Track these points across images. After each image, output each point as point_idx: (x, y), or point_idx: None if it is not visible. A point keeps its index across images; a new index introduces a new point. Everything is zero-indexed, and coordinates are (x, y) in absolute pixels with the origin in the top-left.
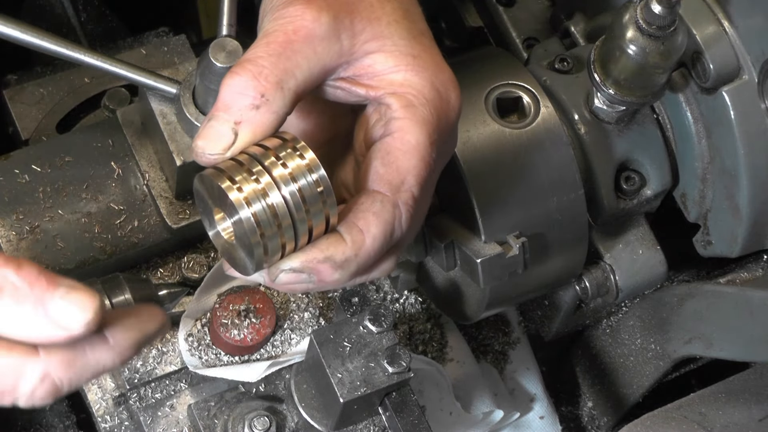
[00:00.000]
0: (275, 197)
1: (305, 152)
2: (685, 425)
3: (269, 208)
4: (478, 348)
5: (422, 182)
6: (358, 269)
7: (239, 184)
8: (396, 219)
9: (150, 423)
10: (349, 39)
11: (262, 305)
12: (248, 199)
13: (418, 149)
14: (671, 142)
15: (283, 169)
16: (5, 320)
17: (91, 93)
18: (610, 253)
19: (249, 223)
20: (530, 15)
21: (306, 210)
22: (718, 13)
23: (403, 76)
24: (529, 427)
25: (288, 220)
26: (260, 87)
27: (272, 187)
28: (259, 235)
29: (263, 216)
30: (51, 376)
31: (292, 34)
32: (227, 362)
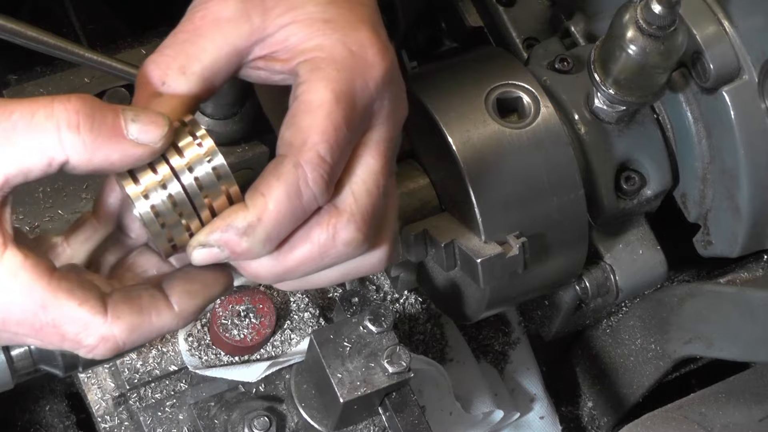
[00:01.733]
0: (173, 188)
1: (204, 139)
2: (685, 425)
3: (168, 198)
4: (478, 348)
5: (330, 140)
6: (268, 235)
7: (138, 176)
8: (300, 179)
9: (150, 423)
10: (260, 16)
11: (262, 305)
12: (146, 191)
13: (322, 107)
14: (671, 142)
15: (179, 159)
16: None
17: (91, 93)
18: (610, 253)
19: (148, 216)
20: (530, 15)
21: (205, 196)
22: (719, 13)
23: (314, 43)
24: (529, 427)
25: (189, 209)
26: (161, 75)
27: (170, 178)
28: (159, 225)
29: (162, 207)
30: (115, 338)
31: (198, 20)
32: (227, 362)
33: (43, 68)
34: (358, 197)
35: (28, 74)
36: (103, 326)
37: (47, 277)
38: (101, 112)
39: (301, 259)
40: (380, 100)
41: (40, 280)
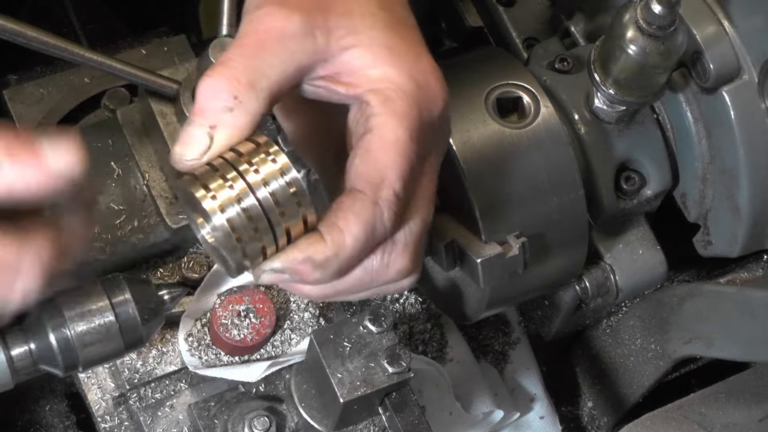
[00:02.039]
0: (248, 202)
1: (278, 156)
2: (685, 425)
3: (243, 212)
4: (478, 348)
5: (404, 177)
6: (340, 269)
7: (213, 191)
8: (377, 217)
9: (150, 423)
10: (324, 36)
11: (262, 305)
12: (222, 206)
13: (398, 144)
14: (671, 142)
15: (255, 174)
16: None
17: (91, 93)
18: (610, 253)
19: (224, 229)
20: (530, 15)
21: (281, 213)
22: (719, 13)
23: (381, 71)
24: (529, 427)
25: (264, 223)
26: (233, 89)
27: (246, 192)
28: (235, 240)
29: (238, 221)
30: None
31: (263, 34)
32: (227, 362)
33: (43, 68)
34: (413, 227)
35: (28, 74)
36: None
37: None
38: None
39: (353, 283)
40: (442, 128)
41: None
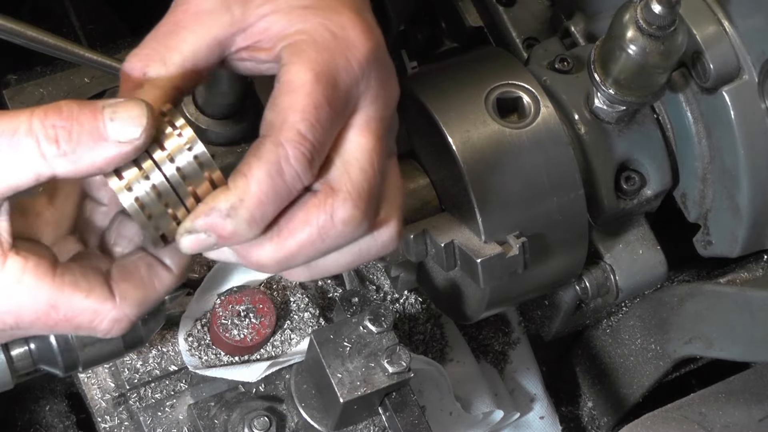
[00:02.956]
0: (156, 178)
1: (183, 129)
2: (685, 425)
3: (152, 189)
4: (478, 348)
5: (311, 118)
6: (252, 215)
7: (121, 171)
8: (281, 158)
9: (150, 423)
10: (241, 7)
11: (262, 305)
12: (129, 184)
13: (303, 87)
14: (671, 142)
15: (161, 150)
16: (71, 163)
17: (91, 93)
18: (610, 253)
19: (133, 208)
20: (530, 15)
21: (188, 184)
22: (719, 13)
23: (295, 28)
24: (529, 427)
25: (173, 197)
26: (142, 66)
27: (152, 168)
28: (146, 217)
29: (146, 199)
30: (127, 317)
31: (180, 14)
32: (227, 362)
33: (43, 68)
34: (352, 176)
35: (28, 74)
36: (113, 311)
37: (51, 275)
38: (79, 120)
39: (301, 242)
40: (366, 80)
41: (44, 279)
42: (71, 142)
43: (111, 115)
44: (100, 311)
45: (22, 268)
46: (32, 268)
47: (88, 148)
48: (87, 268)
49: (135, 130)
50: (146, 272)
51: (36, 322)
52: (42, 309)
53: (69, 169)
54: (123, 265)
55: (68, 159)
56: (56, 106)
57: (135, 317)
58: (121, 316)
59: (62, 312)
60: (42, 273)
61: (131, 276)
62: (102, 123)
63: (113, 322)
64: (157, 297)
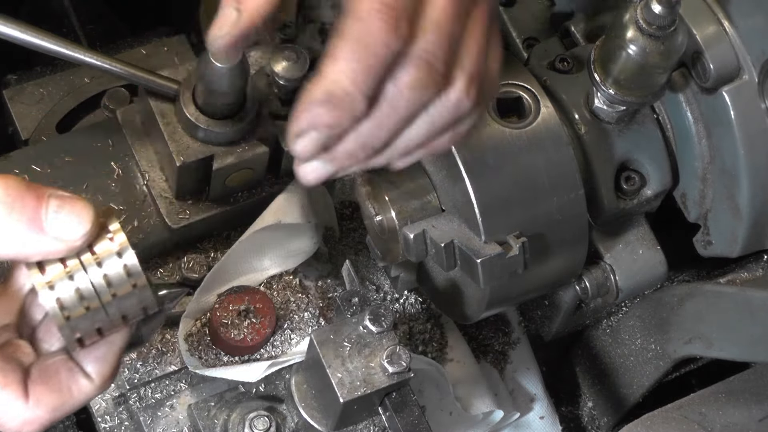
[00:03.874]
0: (80, 281)
1: (116, 234)
2: (685, 425)
3: (75, 291)
4: (478, 348)
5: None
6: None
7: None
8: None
9: (150, 423)
10: None
11: (262, 305)
12: (52, 282)
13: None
14: (671, 142)
15: (90, 253)
16: (3, 242)
17: (91, 93)
18: (610, 253)
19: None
20: (530, 15)
21: (113, 292)
22: (719, 13)
23: None
24: (529, 427)
25: (95, 301)
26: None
27: (78, 269)
28: (64, 318)
29: (67, 300)
30: (39, 419)
31: None
32: (227, 362)
33: (43, 68)
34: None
35: (28, 74)
36: (26, 411)
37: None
38: (22, 202)
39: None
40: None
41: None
42: (8, 222)
43: (55, 208)
44: (10, 409)
45: None
46: None
47: (22, 234)
48: (7, 363)
49: (75, 232)
50: (66, 378)
51: None
52: None
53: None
54: (44, 367)
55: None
56: (3, 179)
57: (47, 422)
58: (32, 418)
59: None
60: None
61: (49, 380)
62: (44, 213)
63: (23, 422)
64: (73, 404)
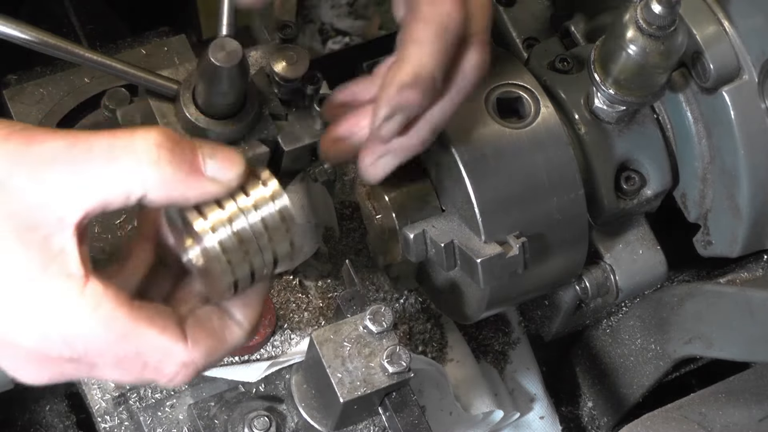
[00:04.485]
0: (239, 225)
1: (269, 181)
2: (685, 425)
3: (234, 235)
4: (478, 348)
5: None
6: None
7: (205, 213)
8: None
9: (150, 423)
10: None
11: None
12: (214, 227)
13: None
14: (671, 142)
15: (246, 198)
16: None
17: (91, 93)
18: (610, 253)
19: (215, 251)
20: (530, 15)
21: (269, 237)
22: (719, 13)
23: None
24: (529, 427)
25: (254, 246)
26: None
27: (237, 215)
28: (225, 261)
29: (228, 243)
30: (195, 364)
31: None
32: (227, 362)
33: (43, 68)
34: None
35: (28, 74)
36: (184, 353)
37: (128, 306)
38: (180, 148)
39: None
40: None
41: (120, 309)
42: (172, 167)
43: (209, 154)
44: (171, 352)
45: (102, 294)
46: (111, 296)
47: (185, 176)
48: (162, 309)
49: (230, 173)
50: (218, 324)
51: (104, 353)
52: (114, 339)
53: (160, 194)
54: (196, 314)
55: (164, 183)
56: (161, 130)
57: (202, 366)
58: (189, 361)
59: (133, 345)
60: (120, 302)
61: (204, 324)
62: (201, 158)
63: (181, 366)
64: (226, 350)
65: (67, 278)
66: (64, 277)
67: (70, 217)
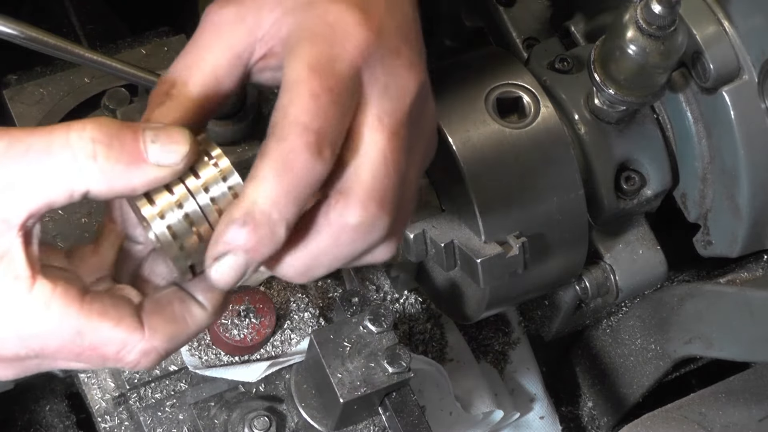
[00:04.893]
0: (189, 207)
1: (219, 159)
2: (685, 425)
3: (184, 218)
4: (478, 348)
5: (310, 108)
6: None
7: (153, 198)
8: (285, 151)
9: (150, 423)
10: (255, 15)
11: (262, 305)
12: (162, 212)
13: (298, 81)
14: (671, 142)
15: (196, 179)
16: (106, 181)
17: (91, 93)
18: (610, 253)
19: (164, 237)
20: (530, 15)
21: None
22: (718, 13)
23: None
24: (529, 427)
25: (206, 226)
26: (167, 88)
27: (186, 197)
28: (177, 247)
29: (179, 228)
30: (156, 350)
31: (200, 32)
32: (227, 362)
33: (43, 68)
34: (362, 176)
35: (28, 74)
36: (142, 342)
37: (78, 302)
38: (119, 137)
39: (317, 250)
40: (370, 69)
41: (71, 306)
42: (110, 159)
43: (152, 138)
44: (128, 342)
45: (51, 293)
46: (60, 293)
47: (125, 167)
48: (117, 298)
49: (175, 156)
50: (179, 307)
51: (61, 349)
52: (68, 336)
53: (103, 187)
54: (155, 299)
55: (105, 177)
56: (96, 121)
57: (165, 352)
58: (149, 348)
59: (88, 340)
60: (70, 299)
61: (163, 310)
62: (142, 144)
63: (141, 354)
64: (188, 334)
65: (15, 280)
66: (12, 279)
67: (13, 219)
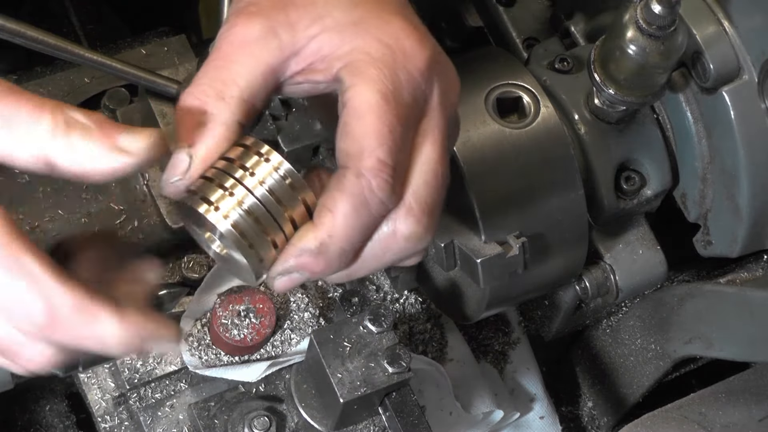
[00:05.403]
0: (250, 204)
1: (269, 154)
2: (685, 425)
3: (248, 215)
4: (478, 348)
5: (387, 142)
6: (342, 249)
7: (215, 203)
8: (365, 188)
9: (150, 423)
10: (288, 32)
11: (262, 305)
12: (227, 213)
13: (372, 111)
14: (671, 142)
15: (251, 176)
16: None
17: (91, 93)
18: (610, 253)
19: (233, 236)
20: (530, 15)
21: (284, 207)
22: (718, 13)
23: (349, 47)
24: (529, 427)
25: (270, 221)
26: (200, 104)
27: (246, 195)
28: (247, 245)
29: (244, 225)
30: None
31: (227, 47)
32: (227, 362)
33: (43, 68)
34: (416, 189)
35: (28, 74)
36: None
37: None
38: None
39: (365, 257)
40: (428, 87)
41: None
42: (83, 136)
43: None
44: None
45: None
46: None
47: (95, 146)
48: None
49: (141, 143)
50: None
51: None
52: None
53: (66, 160)
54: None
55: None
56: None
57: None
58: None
59: None
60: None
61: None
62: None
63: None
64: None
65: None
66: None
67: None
